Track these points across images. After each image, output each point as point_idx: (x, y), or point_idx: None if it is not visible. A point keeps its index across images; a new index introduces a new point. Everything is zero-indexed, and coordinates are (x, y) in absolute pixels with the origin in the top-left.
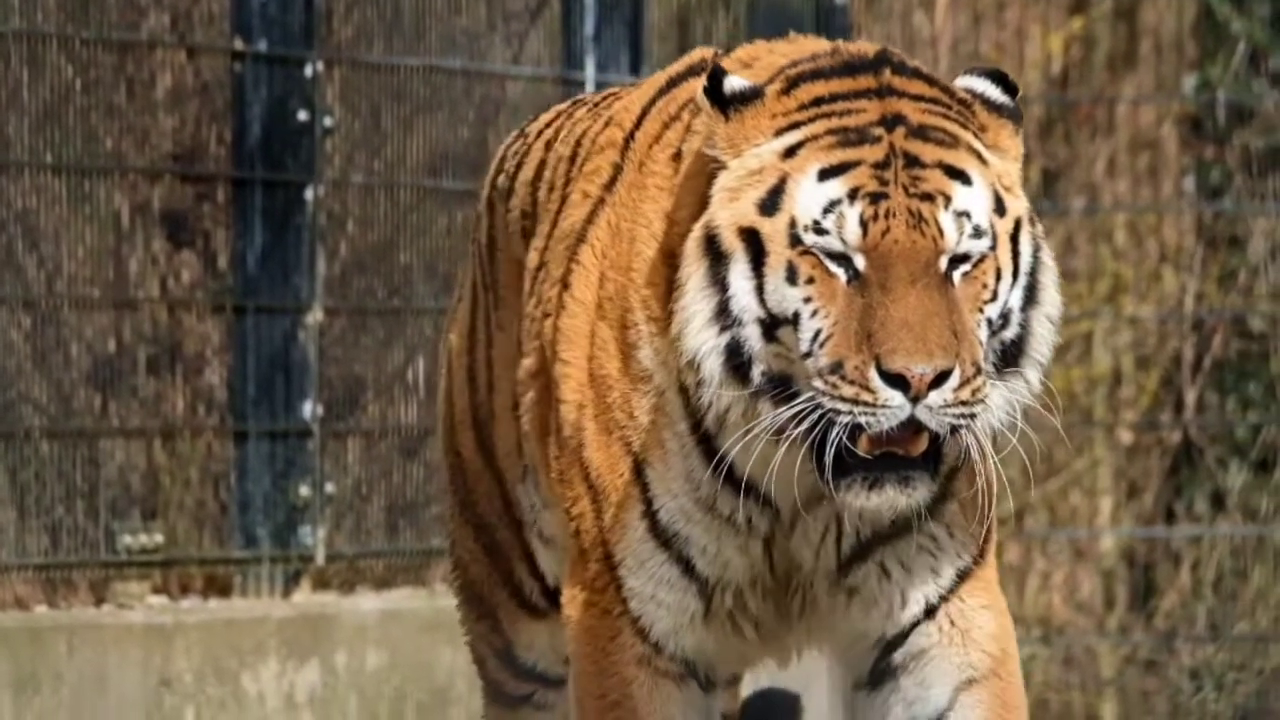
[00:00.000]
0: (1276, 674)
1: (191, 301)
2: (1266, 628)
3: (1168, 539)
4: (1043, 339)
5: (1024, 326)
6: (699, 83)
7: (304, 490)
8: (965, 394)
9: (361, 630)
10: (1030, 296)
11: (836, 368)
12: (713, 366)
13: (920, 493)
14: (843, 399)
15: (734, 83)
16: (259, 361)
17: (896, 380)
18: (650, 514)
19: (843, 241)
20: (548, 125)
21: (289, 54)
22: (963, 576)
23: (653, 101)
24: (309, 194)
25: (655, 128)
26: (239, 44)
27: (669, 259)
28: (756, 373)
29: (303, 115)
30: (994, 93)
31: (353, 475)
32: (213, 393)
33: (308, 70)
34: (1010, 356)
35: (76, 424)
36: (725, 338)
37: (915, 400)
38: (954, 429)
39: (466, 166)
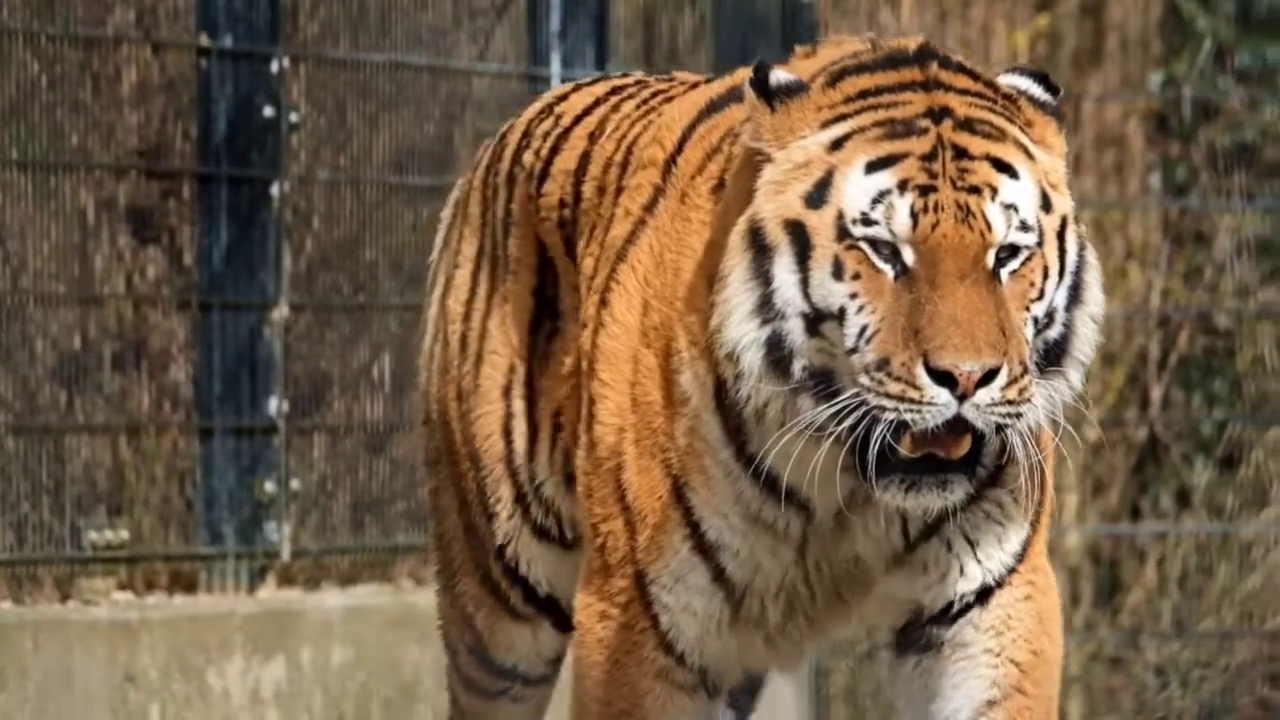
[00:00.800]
0: (1241, 670)
1: (157, 298)
2: (1231, 624)
3: (1133, 536)
4: (1086, 339)
5: (1068, 326)
6: (738, 111)
7: (269, 486)
8: (1012, 393)
9: (327, 626)
10: (1075, 296)
11: (883, 364)
12: (753, 359)
13: (957, 494)
14: (888, 396)
15: (780, 76)
16: (224, 358)
17: (944, 378)
18: (697, 535)
19: (892, 233)
20: (587, 112)
21: (254, 50)
22: (1024, 548)
23: (694, 125)
24: (274, 190)
25: (698, 157)
26: (204, 40)
27: (711, 281)
28: (798, 367)
29: (268, 111)
30: (1037, 90)
31: (318, 471)
32: (178, 389)
33: (273, 66)
34: (1053, 356)
35: (42, 420)
36: (766, 331)
37: (962, 398)
38: (999, 428)
39: (432, 162)
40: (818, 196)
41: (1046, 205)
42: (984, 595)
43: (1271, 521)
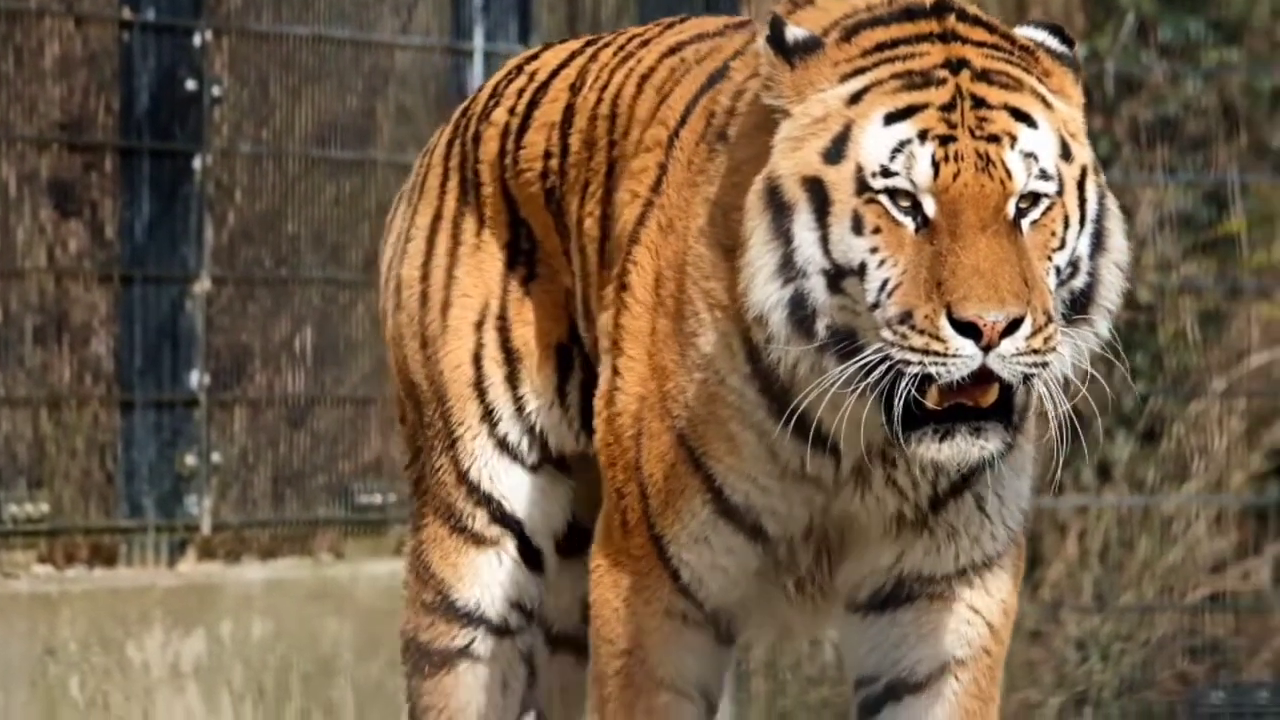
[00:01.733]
0: (1162, 644)
1: (78, 271)
2: (1152, 598)
3: (1054, 509)
4: (1111, 286)
5: (1093, 275)
6: (731, 85)
7: (190, 460)
8: (1037, 342)
9: (247, 600)
10: (1098, 244)
11: (905, 317)
12: (779, 320)
13: (994, 443)
14: (912, 349)
15: (795, 31)
16: (146, 331)
17: (968, 329)
18: (719, 499)
19: (912, 183)
20: (564, 65)
21: (177, 23)
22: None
23: (696, 99)
24: (197, 163)
25: (700, 125)
26: (127, 13)
27: (721, 240)
28: (821, 326)
29: (190, 85)
30: (1054, 42)
31: (239, 445)
32: (99, 362)
33: (196, 39)
34: (1080, 305)
35: None
36: (789, 290)
37: (987, 349)
38: (1026, 378)
39: (354, 136)
40: (836, 151)
41: (1066, 154)
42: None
43: (1192, 495)
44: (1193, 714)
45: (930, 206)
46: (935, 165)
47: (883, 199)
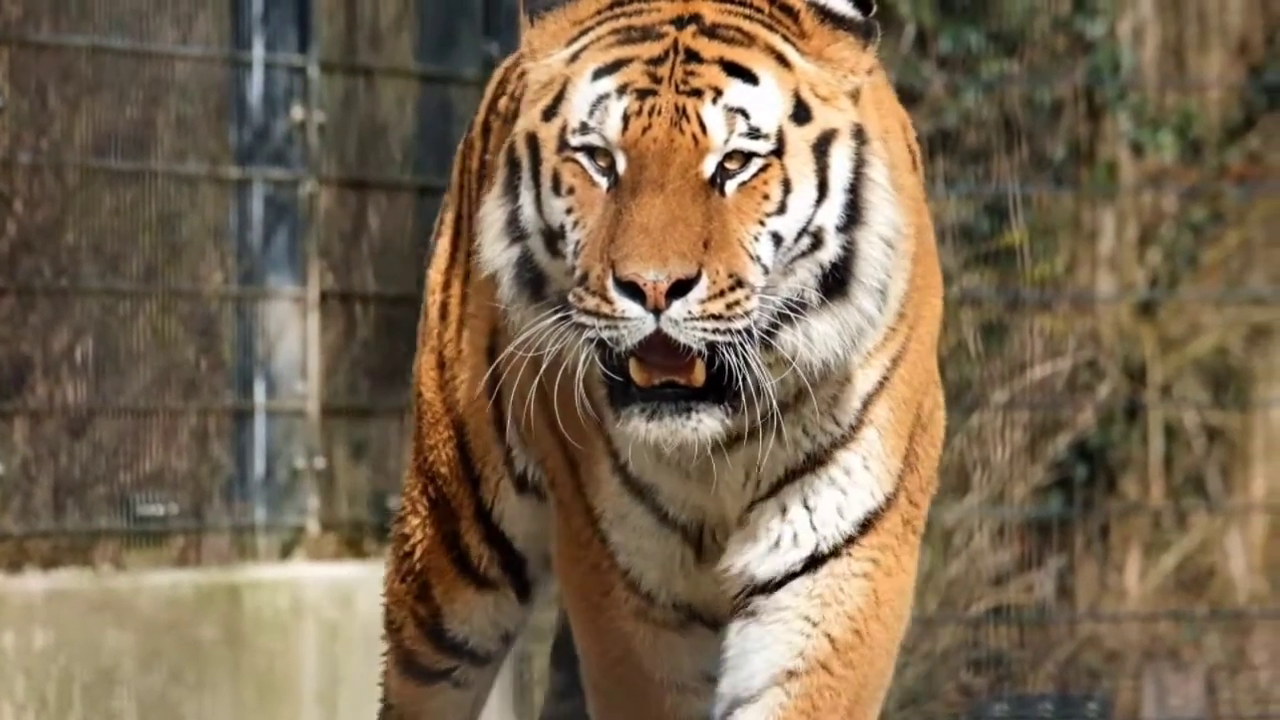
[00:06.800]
0: (945, 657)
1: None
2: (934, 611)
3: None
4: (873, 261)
5: (848, 248)
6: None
7: None
8: (716, 306)
9: (28, 610)
10: (854, 215)
11: (583, 279)
12: (508, 280)
13: (707, 424)
14: (586, 312)
15: None
16: None
17: (632, 289)
18: (620, 467)
19: (604, 139)
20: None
21: None
22: (871, 520)
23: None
24: None
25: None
26: None
27: None
28: (551, 290)
29: None
30: (838, 4)
31: (20, 455)
32: None
33: None
34: (837, 280)
35: None
36: (516, 250)
37: (657, 312)
38: (712, 346)
39: (134, 146)
40: (551, 109)
41: (801, 116)
42: (814, 563)
43: (974, 507)
44: None
45: (621, 163)
46: (626, 119)
47: (580, 157)
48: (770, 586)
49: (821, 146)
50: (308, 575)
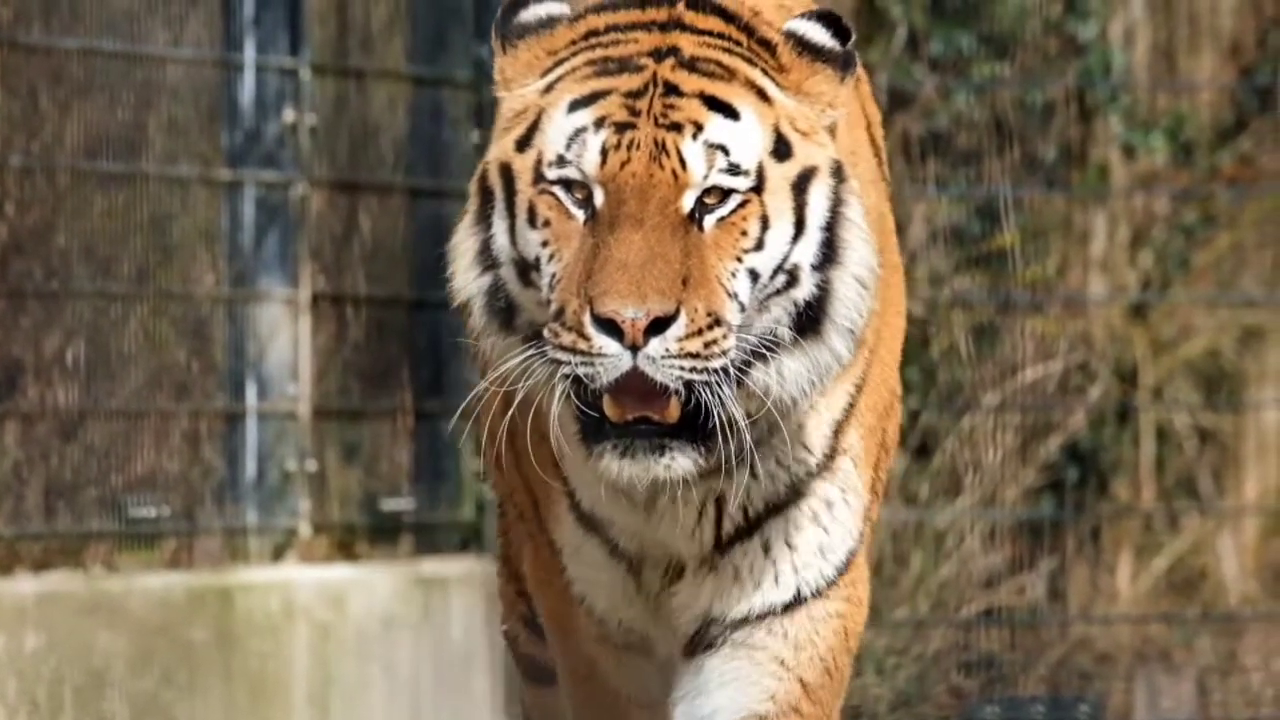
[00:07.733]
0: (936, 659)
1: None
2: (926, 613)
3: None
4: (848, 302)
5: (824, 287)
6: None
7: None
8: (694, 345)
9: (20, 612)
10: (830, 255)
11: (559, 314)
12: (479, 309)
13: (680, 463)
14: (563, 348)
15: (525, 15)
16: None
17: (610, 326)
18: (575, 505)
19: (582, 172)
20: None
21: None
22: (849, 557)
23: None
24: None
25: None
26: None
27: None
28: (522, 320)
29: None
30: (816, 35)
31: (11, 457)
32: None
33: None
34: (810, 319)
35: None
36: (487, 279)
37: (634, 349)
38: (689, 385)
39: (126, 148)
40: (526, 140)
41: (781, 152)
42: (793, 605)
43: (965, 510)
44: None
45: (599, 197)
46: (604, 153)
47: (557, 190)
48: (737, 623)
49: (801, 184)
50: (299, 577)
